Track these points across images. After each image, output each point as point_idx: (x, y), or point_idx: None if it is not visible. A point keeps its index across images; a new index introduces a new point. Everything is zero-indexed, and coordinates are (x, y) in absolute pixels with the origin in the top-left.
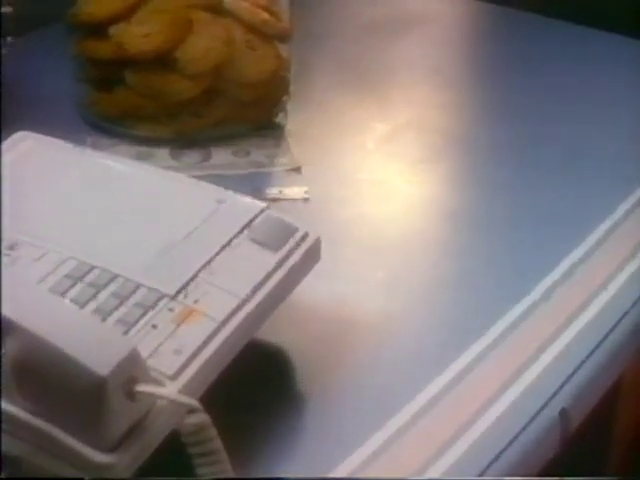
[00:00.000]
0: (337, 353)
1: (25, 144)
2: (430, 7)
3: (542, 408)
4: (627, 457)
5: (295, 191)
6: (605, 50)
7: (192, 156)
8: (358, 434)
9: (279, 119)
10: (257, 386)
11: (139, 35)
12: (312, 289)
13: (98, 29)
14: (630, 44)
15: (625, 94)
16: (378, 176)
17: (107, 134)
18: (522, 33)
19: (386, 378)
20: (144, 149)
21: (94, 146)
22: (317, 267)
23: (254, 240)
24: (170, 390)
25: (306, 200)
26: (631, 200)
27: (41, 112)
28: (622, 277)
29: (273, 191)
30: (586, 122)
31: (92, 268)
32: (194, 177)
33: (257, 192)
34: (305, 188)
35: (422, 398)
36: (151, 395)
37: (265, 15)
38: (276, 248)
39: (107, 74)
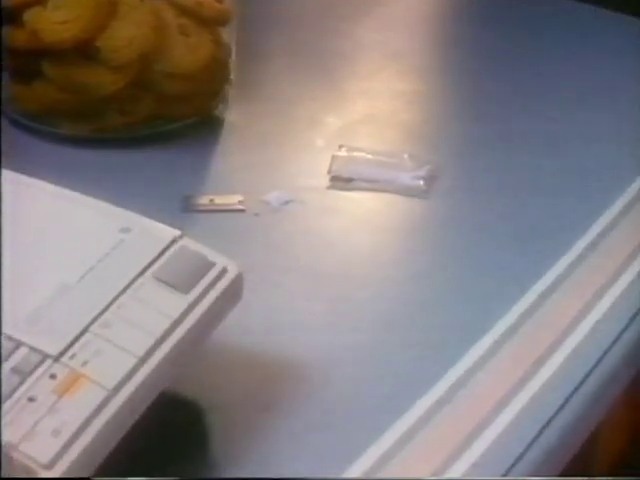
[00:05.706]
0: (262, 407)
1: None
2: None
3: None
4: None
5: (228, 200)
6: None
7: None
8: None
9: (219, 111)
10: (164, 450)
11: (56, 21)
12: (235, 327)
13: (13, 14)
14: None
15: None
16: (326, 181)
17: (26, 131)
18: (490, 14)
19: (318, 443)
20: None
21: (9, 145)
22: (246, 299)
23: (161, 279)
24: None
25: (240, 211)
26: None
27: None
28: (592, 318)
29: (203, 200)
30: (567, 119)
31: None
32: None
33: (185, 201)
34: (240, 197)
35: (357, 468)
36: None
37: None
38: (187, 289)
39: (24, 65)
